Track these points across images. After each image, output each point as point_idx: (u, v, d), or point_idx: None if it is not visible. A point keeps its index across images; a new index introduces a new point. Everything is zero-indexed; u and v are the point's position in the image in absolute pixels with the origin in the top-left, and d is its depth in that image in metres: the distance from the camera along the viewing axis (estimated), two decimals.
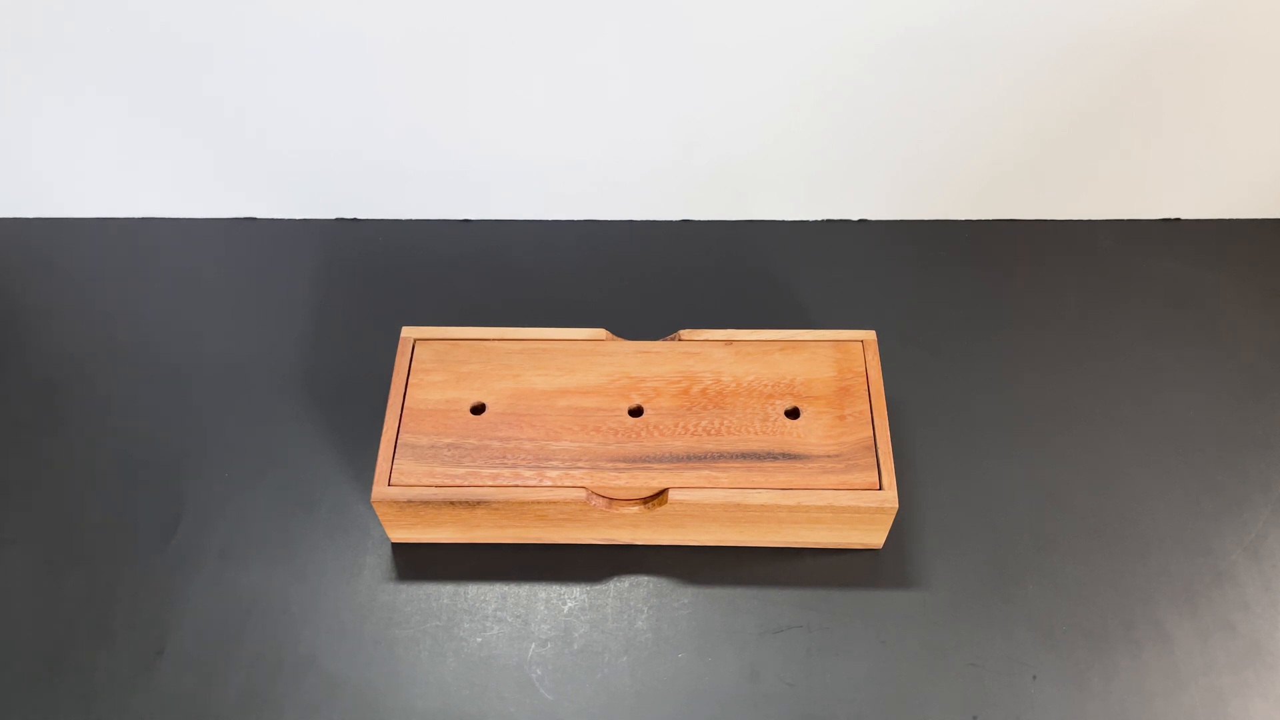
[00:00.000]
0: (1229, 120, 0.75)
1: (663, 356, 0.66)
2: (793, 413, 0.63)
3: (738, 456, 0.62)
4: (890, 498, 0.60)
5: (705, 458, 0.62)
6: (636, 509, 0.62)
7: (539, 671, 0.60)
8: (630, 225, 0.83)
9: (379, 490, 0.61)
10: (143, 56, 0.72)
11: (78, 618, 0.62)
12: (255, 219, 0.83)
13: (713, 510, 0.61)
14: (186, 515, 0.67)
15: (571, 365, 0.66)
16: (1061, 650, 0.60)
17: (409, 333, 0.67)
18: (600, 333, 0.67)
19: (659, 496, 0.61)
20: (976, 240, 0.81)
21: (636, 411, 0.64)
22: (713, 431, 0.63)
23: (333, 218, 0.83)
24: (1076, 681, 0.59)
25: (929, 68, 0.71)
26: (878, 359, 0.65)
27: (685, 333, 0.67)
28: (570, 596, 0.63)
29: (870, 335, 0.66)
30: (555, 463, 0.62)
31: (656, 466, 0.61)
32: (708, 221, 0.83)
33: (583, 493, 0.61)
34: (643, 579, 0.64)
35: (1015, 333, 0.75)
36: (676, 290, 0.78)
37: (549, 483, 0.61)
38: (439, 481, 0.61)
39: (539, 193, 0.81)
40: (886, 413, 0.63)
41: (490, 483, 0.61)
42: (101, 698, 0.59)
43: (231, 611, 0.63)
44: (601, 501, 0.62)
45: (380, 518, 0.63)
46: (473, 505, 0.61)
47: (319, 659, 0.61)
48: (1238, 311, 0.76)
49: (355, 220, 0.83)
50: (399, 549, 0.65)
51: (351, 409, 0.71)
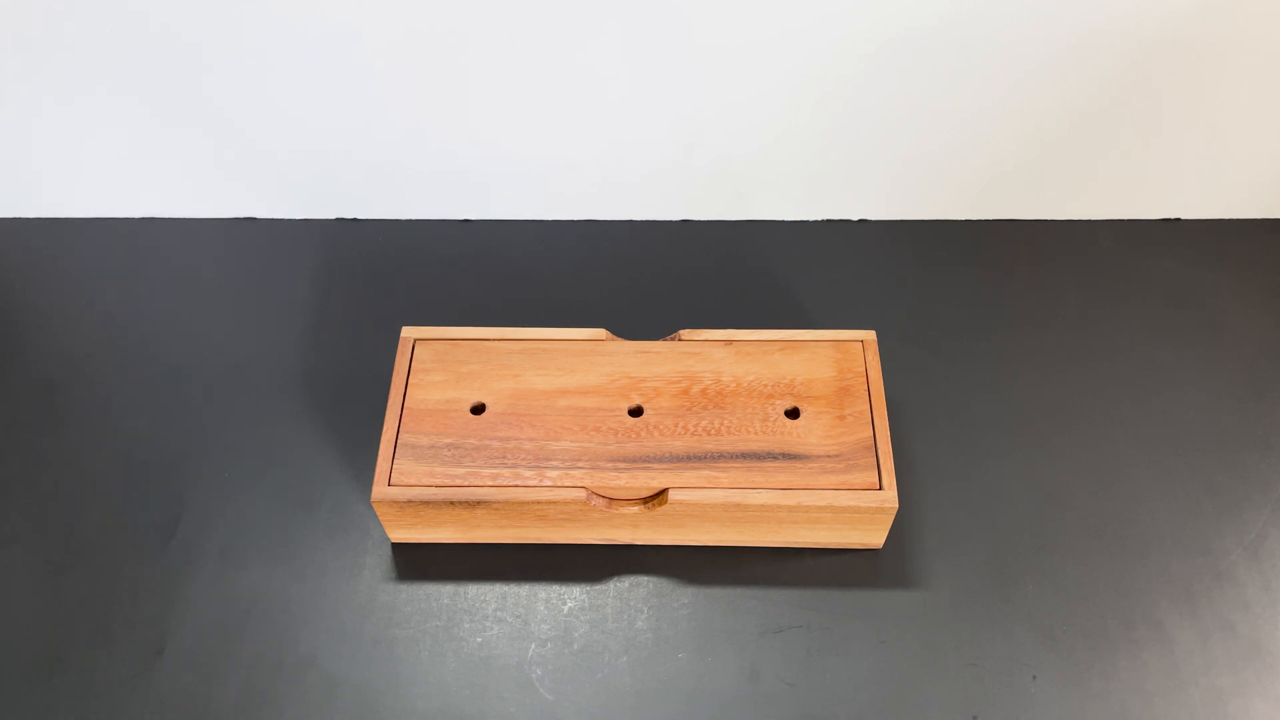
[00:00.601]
0: (1229, 120, 0.75)
1: (663, 356, 0.66)
2: (793, 413, 0.63)
3: (738, 456, 0.62)
4: (890, 498, 0.60)
5: (705, 458, 0.62)
6: (636, 509, 0.62)
7: (539, 671, 0.60)
8: (630, 225, 0.83)
9: (379, 490, 0.61)
10: (143, 56, 0.72)
11: (78, 618, 0.62)
12: (255, 219, 0.83)
13: (713, 510, 0.61)
14: (186, 515, 0.67)
15: (571, 365, 0.66)
16: (1061, 650, 0.60)
17: (409, 333, 0.67)
18: (600, 333, 0.67)
19: (659, 496, 0.61)
20: (976, 240, 0.81)
21: (636, 411, 0.64)
22: (713, 431, 0.63)
23: (333, 218, 0.83)
24: (1076, 681, 0.59)
25: (929, 68, 0.71)
26: (878, 359, 0.65)
27: (685, 333, 0.67)
28: (570, 596, 0.63)
29: (870, 335, 0.67)
30: (555, 463, 0.62)
31: (656, 466, 0.61)
32: (708, 221, 0.83)
33: (583, 493, 0.61)
34: (643, 579, 0.64)
35: (1015, 333, 0.75)
36: (676, 290, 0.78)
37: (549, 483, 0.61)
38: (439, 481, 0.61)
39: (539, 193, 0.81)
40: (886, 413, 0.63)
41: (490, 483, 0.61)
42: (101, 698, 0.59)
43: (231, 611, 0.63)
44: (601, 501, 0.62)
45: (380, 518, 0.63)
46: (473, 505, 0.61)
47: (319, 659, 0.61)
48: (1238, 311, 0.76)
49: (355, 220, 0.83)
50: (399, 549, 0.65)
51: (351, 409, 0.71)
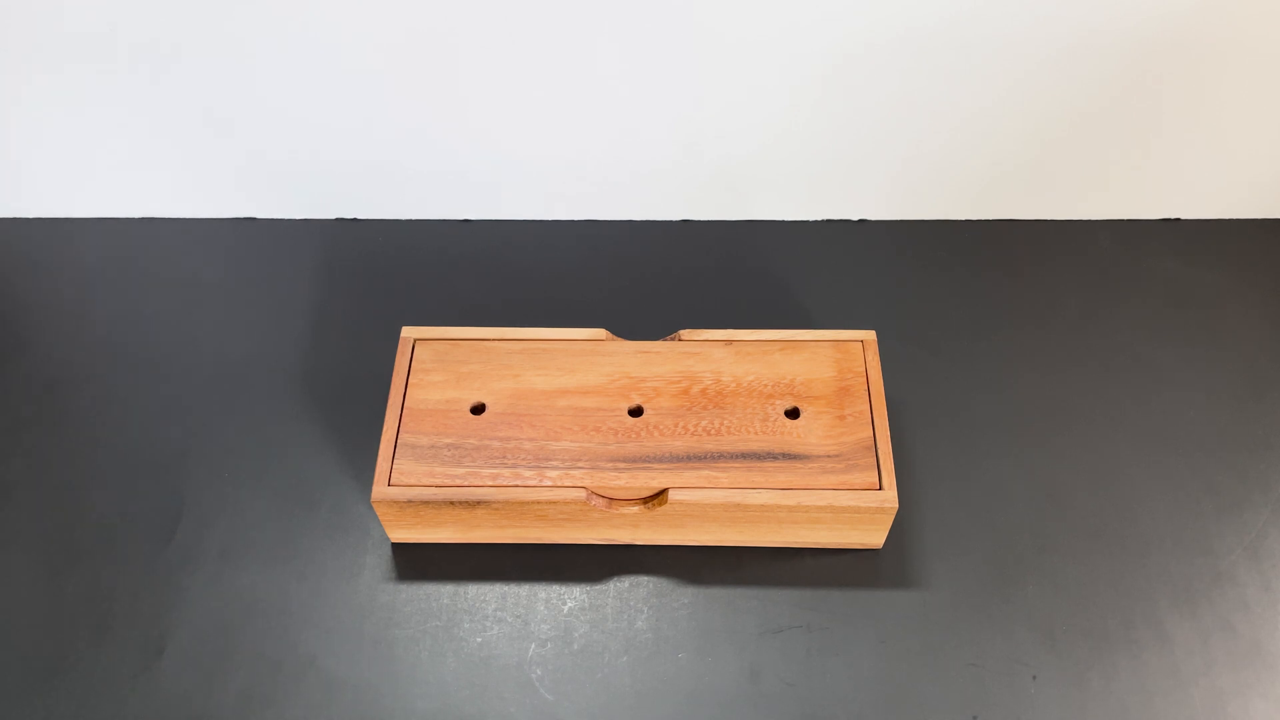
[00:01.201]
0: (1229, 120, 0.75)
1: (663, 356, 0.66)
2: (793, 413, 0.63)
3: (738, 456, 0.62)
4: (890, 498, 0.60)
5: (705, 458, 0.62)
6: (636, 509, 0.62)
7: (539, 671, 0.60)
8: (630, 225, 0.83)
9: (379, 490, 0.61)
10: (143, 56, 0.72)
11: (78, 618, 0.62)
12: (255, 219, 0.83)
13: (713, 510, 0.61)
14: (186, 515, 0.67)
15: (571, 365, 0.66)
16: (1061, 650, 0.60)
17: (409, 333, 0.67)
18: (600, 333, 0.67)
19: (659, 496, 0.61)
20: (976, 240, 0.81)
21: (636, 411, 0.64)
22: (713, 431, 0.63)
23: (333, 218, 0.83)
24: (1076, 681, 0.59)
25: (929, 68, 0.71)
26: (878, 359, 0.65)
27: (685, 333, 0.67)
28: (570, 596, 0.63)
29: (870, 335, 0.66)
30: (555, 463, 0.62)
31: (656, 466, 0.61)
32: (708, 221, 0.83)
33: (583, 493, 0.61)
34: (643, 579, 0.64)
35: (1015, 333, 0.75)
36: (676, 290, 0.78)
37: (549, 483, 0.61)
38: (439, 481, 0.61)
39: (539, 193, 0.81)
40: (886, 413, 0.63)
41: (490, 483, 0.61)
42: (101, 698, 0.59)
43: (231, 611, 0.63)
44: (601, 501, 0.62)
45: (380, 518, 0.63)
46: (473, 505, 0.61)
47: (319, 659, 0.61)
48: (1238, 311, 0.76)
49: (355, 220, 0.83)
50: (399, 549, 0.65)
51: (351, 409, 0.71)
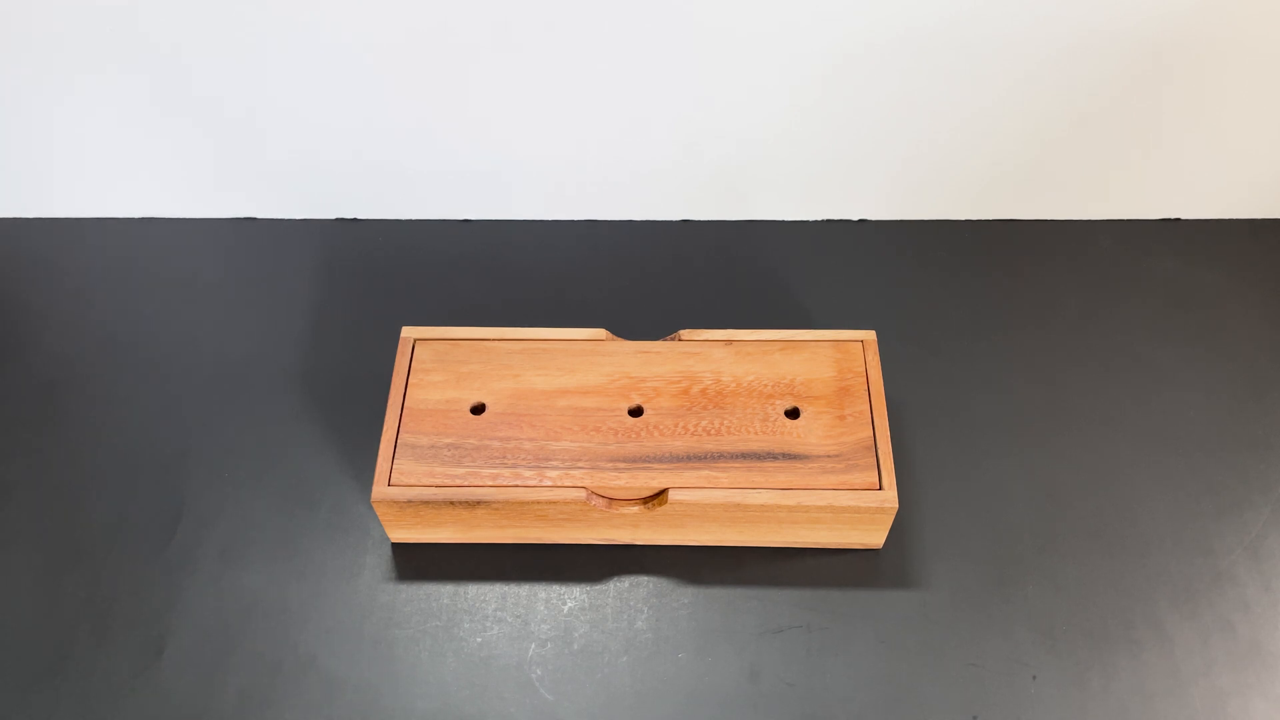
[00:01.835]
0: (1229, 120, 0.75)
1: (663, 356, 0.66)
2: (793, 413, 0.63)
3: (738, 456, 0.62)
4: (890, 498, 0.60)
5: (705, 458, 0.62)
6: (636, 509, 0.62)
7: (539, 671, 0.60)
8: (630, 225, 0.83)
9: (379, 490, 0.61)
10: (143, 56, 0.72)
11: (78, 618, 0.62)
12: (255, 219, 0.83)
13: (713, 510, 0.61)
14: (186, 515, 0.67)
15: (571, 365, 0.66)
16: (1061, 650, 0.60)
17: (409, 333, 0.67)
18: (600, 333, 0.67)
19: (659, 496, 0.61)
20: (976, 240, 0.81)
21: (636, 411, 0.64)
22: (713, 431, 0.63)
23: (333, 218, 0.83)
24: (1076, 681, 0.59)
25: (929, 68, 0.71)
26: (878, 359, 0.65)
27: (685, 333, 0.67)
28: (570, 596, 0.63)
29: (870, 335, 0.66)
30: (555, 463, 0.62)
31: (656, 466, 0.61)
32: (708, 221, 0.83)
33: (583, 493, 0.61)
34: (643, 579, 0.64)
35: (1015, 333, 0.75)
36: (676, 290, 0.78)
37: (549, 483, 0.61)
38: (439, 481, 0.61)
39: (539, 193, 0.81)
40: (886, 413, 0.63)
41: (490, 483, 0.61)
42: (101, 698, 0.59)
43: (231, 611, 0.63)
44: (601, 501, 0.62)
45: (380, 518, 0.63)
46: (473, 505, 0.61)
47: (319, 659, 0.61)
48: (1238, 311, 0.76)
49: (355, 220, 0.83)
50: (399, 549, 0.65)
51: (351, 409, 0.71)
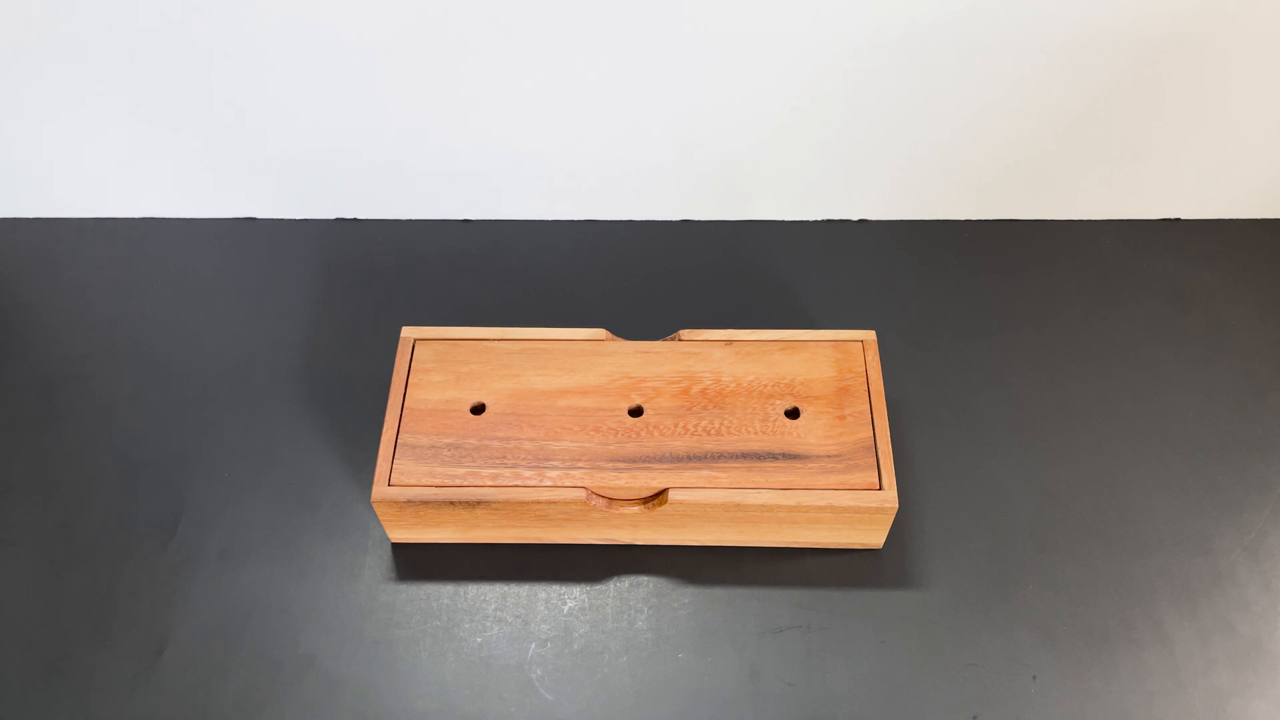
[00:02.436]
0: (1229, 120, 0.75)
1: (663, 356, 0.66)
2: (793, 413, 0.63)
3: (738, 456, 0.62)
4: (890, 498, 0.60)
5: (705, 458, 0.62)
6: (636, 509, 0.62)
7: (539, 671, 0.60)
8: (630, 225, 0.83)
9: (379, 490, 0.61)
10: (142, 56, 0.72)
11: (78, 618, 0.62)
12: (255, 219, 0.83)
13: (713, 510, 0.61)
14: (186, 515, 0.67)
15: (571, 365, 0.66)
16: (1061, 650, 0.60)
17: (409, 333, 0.67)
18: (600, 333, 0.67)
19: (659, 496, 0.61)
20: (976, 240, 0.81)
21: (636, 411, 0.64)
22: (713, 431, 0.63)
23: (333, 218, 0.83)
24: (1076, 681, 0.59)
25: (929, 67, 0.71)
26: (878, 359, 0.65)
27: (685, 333, 0.67)
28: (570, 596, 0.63)
29: (870, 335, 0.66)
30: (555, 463, 0.62)
31: (656, 466, 0.61)
32: (708, 221, 0.83)
33: (583, 493, 0.61)
34: (643, 579, 0.64)
35: (1015, 333, 0.75)
36: (676, 290, 0.78)
37: (549, 483, 0.61)
38: (439, 481, 0.61)
39: (539, 193, 0.81)
40: (886, 413, 0.63)
41: (490, 483, 0.61)
42: (101, 698, 0.59)
43: (231, 611, 0.63)
44: (601, 501, 0.62)
45: (380, 518, 0.63)
46: (473, 505, 0.61)
47: (319, 659, 0.61)
48: (1238, 311, 0.76)
49: (355, 220, 0.83)
50: (399, 549, 0.65)
51: (351, 409, 0.71)
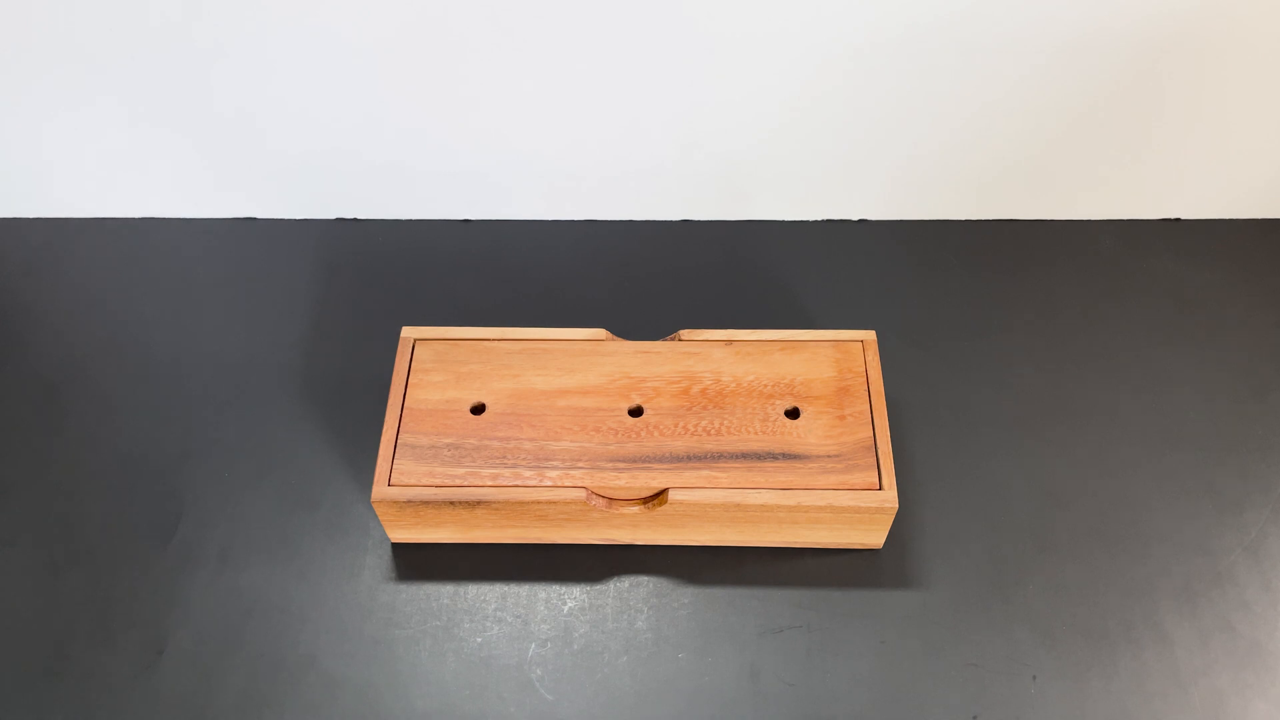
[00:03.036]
0: (1230, 120, 0.75)
1: (663, 356, 0.66)
2: (793, 413, 0.63)
3: (738, 456, 0.62)
4: (890, 498, 0.60)
5: (705, 458, 0.62)
6: (636, 509, 0.62)
7: (539, 671, 0.60)
8: (630, 225, 0.83)
9: (379, 490, 0.61)
10: (142, 56, 0.72)
11: (78, 618, 0.62)
12: (255, 219, 0.83)
13: (713, 510, 0.61)
14: (186, 515, 0.67)
15: (571, 365, 0.66)
16: (1061, 650, 0.60)
17: (409, 333, 0.67)
18: (600, 333, 0.67)
19: (659, 496, 0.61)
20: (976, 240, 0.81)
21: (636, 411, 0.64)
22: (713, 431, 0.63)
23: (333, 218, 0.83)
24: (1076, 681, 0.59)
25: (929, 67, 0.71)
26: (878, 359, 0.65)
27: (685, 333, 0.67)
28: (570, 596, 0.63)
29: (870, 335, 0.66)
30: (555, 463, 0.62)
31: (656, 466, 0.61)
32: (708, 221, 0.83)
33: (583, 493, 0.61)
34: (643, 579, 0.64)
35: (1015, 333, 0.75)
36: (676, 290, 0.78)
37: (549, 483, 0.61)
38: (439, 481, 0.61)
39: (539, 193, 0.81)
40: (886, 413, 0.63)
41: (490, 483, 0.61)
42: (101, 698, 0.59)
43: (231, 611, 0.63)
44: (601, 501, 0.62)
45: (380, 518, 0.63)
46: (473, 505, 0.61)
47: (319, 659, 0.61)
48: (1238, 311, 0.76)
49: (355, 220, 0.83)
50: (399, 549, 0.65)
51: (351, 409, 0.71)
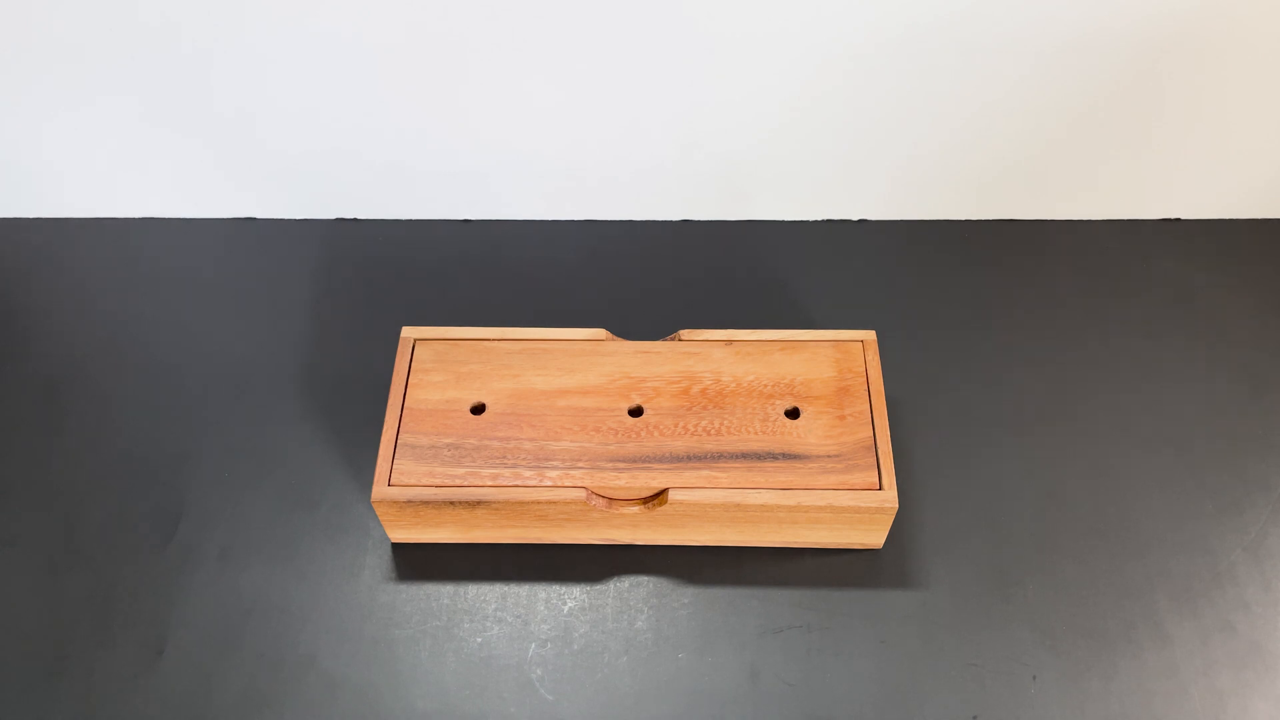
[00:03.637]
0: (1229, 120, 0.75)
1: (663, 356, 0.66)
2: (793, 413, 0.63)
3: (738, 456, 0.62)
4: (890, 498, 0.60)
5: (705, 458, 0.62)
6: (636, 509, 0.62)
7: (539, 671, 0.60)
8: (630, 225, 0.83)
9: (379, 490, 0.61)
10: (143, 56, 0.72)
11: (78, 618, 0.62)
12: (255, 219, 0.83)
13: (713, 510, 0.61)
14: (186, 515, 0.67)
15: (571, 365, 0.66)
16: (1061, 650, 0.60)
17: (409, 333, 0.67)
18: (600, 333, 0.67)
19: (659, 496, 0.61)
20: (976, 240, 0.81)
21: (636, 411, 0.64)
22: (713, 431, 0.63)
23: (333, 218, 0.83)
24: (1076, 681, 0.59)
25: (929, 67, 0.71)
26: (878, 359, 0.65)
27: (685, 333, 0.67)
28: (570, 596, 0.63)
29: (870, 335, 0.66)
30: (555, 463, 0.62)
31: (656, 466, 0.61)
32: (708, 221, 0.83)
33: (583, 493, 0.61)
34: (643, 579, 0.64)
35: (1015, 333, 0.75)
36: (676, 290, 0.78)
37: (549, 483, 0.61)
38: (439, 481, 0.61)
39: (539, 193, 0.81)
40: (886, 412, 0.63)
41: (490, 483, 0.61)
42: (101, 698, 0.59)
43: (231, 611, 0.63)
44: (601, 501, 0.62)
45: (380, 518, 0.63)
46: (473, 505, 0.61)
47: (319, 659, 0.61)
48: (1238, 311, 0.76)
49: (355, 220, 0.83)
50: (399, 549, 0.65)
51: (351, 409, 0.71)
